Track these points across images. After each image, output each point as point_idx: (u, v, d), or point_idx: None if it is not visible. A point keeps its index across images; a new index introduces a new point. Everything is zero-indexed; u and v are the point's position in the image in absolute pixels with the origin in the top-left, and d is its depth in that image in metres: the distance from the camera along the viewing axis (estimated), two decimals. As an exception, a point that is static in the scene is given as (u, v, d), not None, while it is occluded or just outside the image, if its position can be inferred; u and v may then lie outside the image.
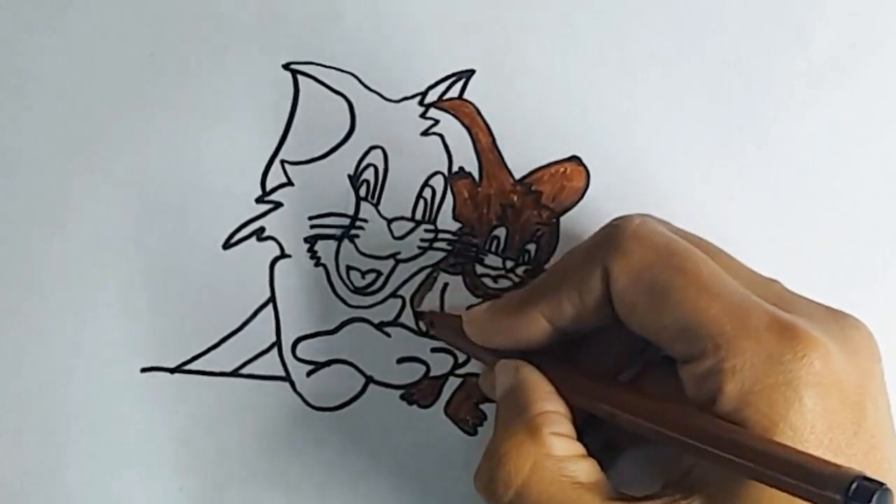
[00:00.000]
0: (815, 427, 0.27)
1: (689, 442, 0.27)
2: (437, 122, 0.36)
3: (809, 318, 0.29)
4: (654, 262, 0.29)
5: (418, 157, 0.36)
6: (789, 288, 0.31)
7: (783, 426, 0.27)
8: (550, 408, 0.30)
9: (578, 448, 0.30)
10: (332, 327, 0.36)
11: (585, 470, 0.29)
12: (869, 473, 0.24)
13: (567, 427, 0.30)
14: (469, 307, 0.35)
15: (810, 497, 0.24)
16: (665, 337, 0.29)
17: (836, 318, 0.29)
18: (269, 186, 0.36)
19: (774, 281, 0.31)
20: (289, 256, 0.36)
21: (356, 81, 0.36)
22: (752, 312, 0.28)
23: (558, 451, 0.29)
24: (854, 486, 0.23)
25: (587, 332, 0.32)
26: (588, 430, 0.31)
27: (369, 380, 0.36)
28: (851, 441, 0.27)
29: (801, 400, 0.27)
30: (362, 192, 0.36)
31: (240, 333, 0.36)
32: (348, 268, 0.36)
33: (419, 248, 0.36)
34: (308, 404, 0.37)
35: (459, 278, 0.36)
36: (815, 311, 0.30)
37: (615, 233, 0.30)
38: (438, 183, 0.36)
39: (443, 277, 0.36)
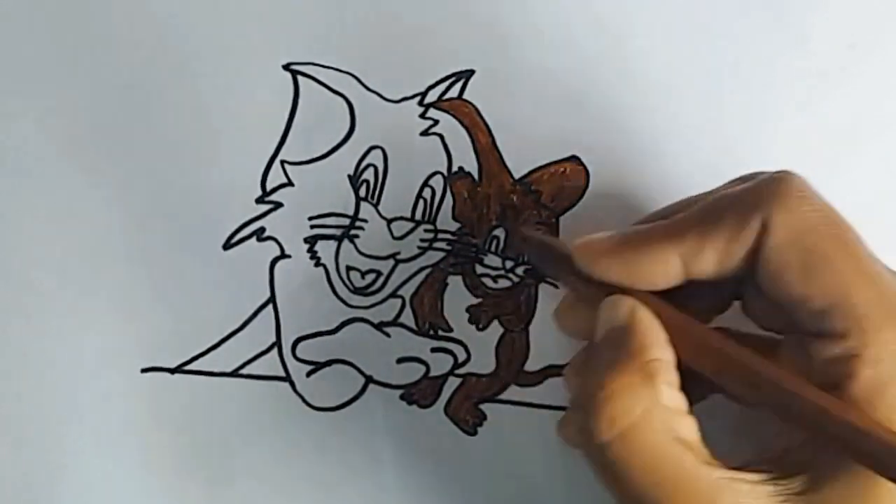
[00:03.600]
0: None
1: (818, 423, 0.25)
2: (436, 122, 0.36)
3: None
4: (817, 226, 0.27)
5: (418, 157, 0.36)
6: None
7: None
8: (665, 357, 0.28)
9: (685, 404, 0.28)
10: (332, 327, 0.36)
11: (689, 428, 0.27)
12: None
13: (677, 380, 0.28)
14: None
15: None
16: (807, 307, 0.27)
17: None
18: (269, 186, 0.36)
19: None
20: (289, 256, 0.36)
21: (356, 81, 0.36)
22: None
23: (669, 402, 0.27)
24: None
25: (701, 285, 0.29)
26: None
27: (369, 380, 0.36)
28: None
29: None
30: (362, 192, 0.36)
31: (240, 333, 0.36)
32: (348, 268, 0.36)
33: (419, 248, 0.36)
34: (308, 404, 0.37)
35: (459, 278, 0.36)
36: None
37: (779, 186, 0.28)
38: (438, 183, 0.36)
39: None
